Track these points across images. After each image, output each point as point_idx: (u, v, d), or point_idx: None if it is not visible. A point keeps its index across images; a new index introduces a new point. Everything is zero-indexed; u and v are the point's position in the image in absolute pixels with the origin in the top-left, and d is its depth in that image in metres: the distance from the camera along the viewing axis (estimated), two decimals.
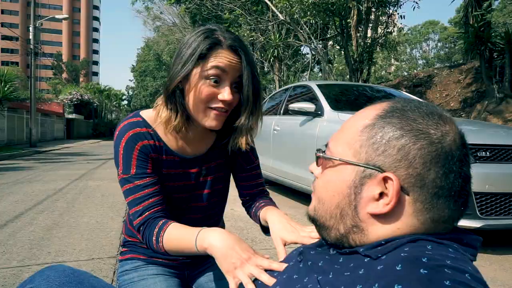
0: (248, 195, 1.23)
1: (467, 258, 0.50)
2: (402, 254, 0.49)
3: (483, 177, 2.96)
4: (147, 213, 0.99)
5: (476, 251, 0.55)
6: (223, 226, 1.37)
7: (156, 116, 1.04)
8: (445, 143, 0.53)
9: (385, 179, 0.53)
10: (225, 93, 0.93)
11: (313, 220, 0.65)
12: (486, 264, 2.77)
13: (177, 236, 0.93)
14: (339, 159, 0.58)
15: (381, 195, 0.54)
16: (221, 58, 0.92)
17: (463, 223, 2.93)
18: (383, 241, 0.54)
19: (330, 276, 0.55)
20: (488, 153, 3.09)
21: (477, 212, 2.92)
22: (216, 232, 0.86)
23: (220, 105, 0.95)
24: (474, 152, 3.07)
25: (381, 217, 0.54)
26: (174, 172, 1.07)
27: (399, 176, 0.52)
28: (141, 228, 1.00)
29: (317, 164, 0.64)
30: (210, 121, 0.97)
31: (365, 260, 0.53)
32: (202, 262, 1.23)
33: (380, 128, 0.54)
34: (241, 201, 1.27)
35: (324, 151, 0.63)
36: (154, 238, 0.96)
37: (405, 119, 0.54)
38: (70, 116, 33.89)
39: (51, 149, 16.70)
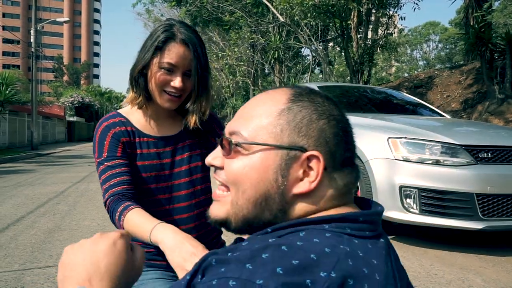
0: None
1: (340, 242, 0.49)
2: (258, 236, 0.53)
3: (485, 178, 2.95)
4: (114, 189, 1.07)
5: (358, 224, 0.54)
6: (220, 232, 1.36)
7: (130, 107, 1.20)
8: (344, 122, 0.60)
9: (309, 158, 0.56)
10: (176, 81, 1.09)
11: (225, 222, 0.61)
12: (489, 266, 2.77)
13: (137, 222, 0.99)
14: (265, 144, 0.57)
15: (303, 174, 0.56)
16: (173, 53, 1.08)
17: (465, 224, 2.92)
18: (270, 229, 0.55)
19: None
20: (489, 154, 3.08)
21: (479, 213, 2.91)
22: (169, 228, 0.93)
23: (172, 90, 1.11)
24: (476, 153, 3.06)
25: (305, 195, 0.57)
26: (148, 152, 1.16)
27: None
28: (107, 202, 1.07)
29: (226, 152, 0.60)
30: (165, 102, 1.12)
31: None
32: None
33: (298, 112, 0.57)
34: None
35: (229, 140, 0.60)
36: (117, 214, 1.03)
37: (315, 102, 0.58)
38: (71, 118, 33.96)
39: (52, 151, 16.72)
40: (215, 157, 0.63)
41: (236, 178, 0.59)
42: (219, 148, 0.63)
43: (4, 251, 2.96)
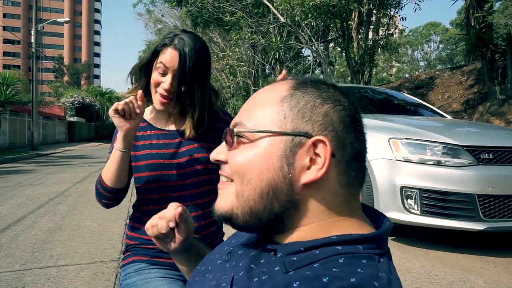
0: None
1: (377, 268, 0.50)
2: (307, 273, 0.49)
3: (486, 179, 2.95)
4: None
5: (381, 243, 0.54)
6: (221, 228, 1.37)
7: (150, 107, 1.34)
8: (352, 109, 0.57)
9: (315, 144, 0.53)
10: (165, 83, 1.17)
11: (230, 217, 0.58)
12: (490, 267, 2.76)
13: (107, 163, 1.19)
14: (268, 131, 0.55)
15: (310, 162, 0.54)
16: (165, 56, 1.17)
17: (467, 225, 2.91)
18: (302, 247, 0.53)
19: (244, 276, 0.54)
20: (491, 155, 3.07)
21: (481, 214, 2.91)
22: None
23: (161, 91, 1.18)
24: (477, 154, 3.06)
25: (312, 186, 0.54)
26: (157, 142, 1.26)
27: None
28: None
29: (230, 145, 0.58)
30: (156, 103, 1.22)
31: (277, 268, 0.52)
32: None
33: (301, 97, 0.55)
34: None
35: (232, 130, 0.58)
36: (97, 181, 1.21)
37: (318, 88, 0.57)
38: (71, 119, 33.95)
39: (53, 152, 16.72)
40: (219, 152, 0.61)
41: (240, 168, 0.56)
42: (223, 143, 0.61)
43: (4, 251, 2.95)
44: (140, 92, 1.14)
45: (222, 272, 0.59)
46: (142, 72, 1.24)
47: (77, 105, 35.14)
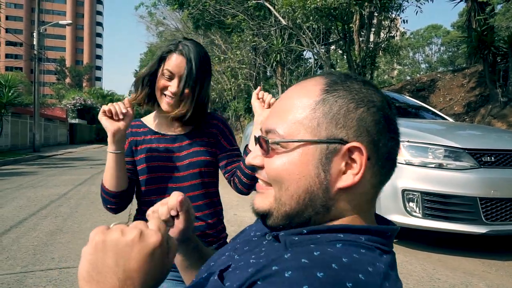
0: (229, 170, 1.36)
1: (376, 259, 0.50)
2: (301, 248, 0.51)
3: (488, 182, 2.94)
4: None
5: (386, 240, 0.55)
6: (224, 228, 1.38)
7: (152, 115, 1.41)
8: (386, 108, 0.56)
9: (350, 150, 0.53)
10: (172, 87, 1.25)
11: (266, 215, 0.59)
12: (492, 271, 2.75)
13: (105, 168, 1.22)
14: (303, 140, 0.55)
15: (346, 166, 0.54)
16: (171, 61, 1.25)
17: (469, 228, 2.91)
18: (305, 230, 0.54)
19: (240, 257, 0.56)
20: (493, 158, 3.07)
21: (482, 217, 2.90)
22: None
23: (169, 93, 1.26)
24: (479, 157, 3.05)
25: (347, 190, 0.54)
26: (157, 146, 1.32)
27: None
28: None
29: (265, 151, 0.58)
30: (163, 104, 1.28)
31: (276, 244, 0.55)
32: None
33: (334, 103, 0.55)
34: (227, 180, 1.38)
35: (266, 138, 0.58)
36: (100, 188, 1.24)
37: (351, 90, 0.56)
38: (73, 121, 34.03)
39: (54, 154, 16.74)
40: (254, 156, 0.61)
41: (278, 175, 0.56)
42: (257, 147, 0.60)
43: (6, 253, 2.96)
44: (126, 99, 1.23)
45: (222, 263, 0.60)
46: (147, 79, 1.30)
47: (79, 107, 35.23)
